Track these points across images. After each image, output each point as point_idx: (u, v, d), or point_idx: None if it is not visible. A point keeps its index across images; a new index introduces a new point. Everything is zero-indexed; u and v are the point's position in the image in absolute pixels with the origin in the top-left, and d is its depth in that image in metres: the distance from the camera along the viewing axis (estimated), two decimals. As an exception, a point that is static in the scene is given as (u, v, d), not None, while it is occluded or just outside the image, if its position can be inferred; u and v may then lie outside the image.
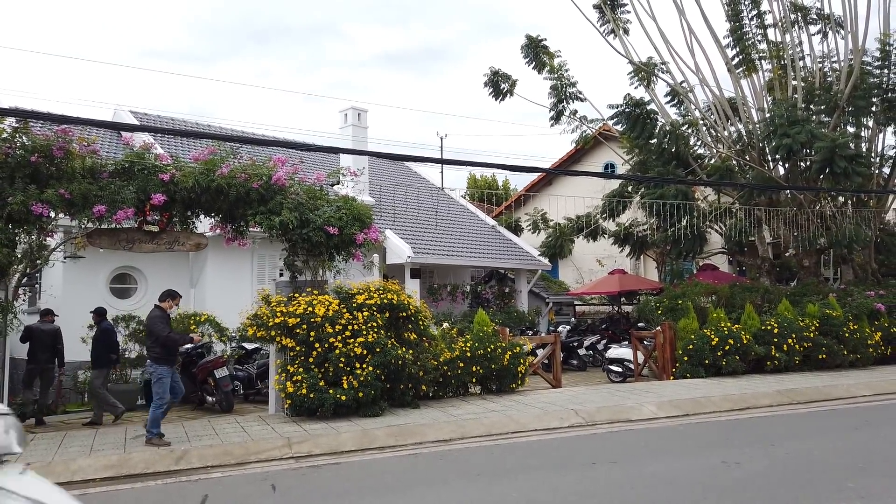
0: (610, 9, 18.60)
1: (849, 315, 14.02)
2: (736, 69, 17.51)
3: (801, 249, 16.80)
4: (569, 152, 25.64)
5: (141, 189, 8.74)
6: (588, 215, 20.20)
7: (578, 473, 6.31)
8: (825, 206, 16.99)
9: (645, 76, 18.06)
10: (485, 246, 19.66)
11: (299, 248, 9.71)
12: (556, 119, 18.94)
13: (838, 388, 11.45)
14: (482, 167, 19.74)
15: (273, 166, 9.53)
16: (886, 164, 17.89)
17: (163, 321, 8.02)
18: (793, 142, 14.68)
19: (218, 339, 12.49)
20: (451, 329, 11.29)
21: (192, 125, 18.66)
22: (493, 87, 19.41)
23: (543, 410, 9.34)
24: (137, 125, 14.64)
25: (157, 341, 7.86)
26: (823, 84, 17.08)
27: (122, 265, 13.46)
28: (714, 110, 18.26)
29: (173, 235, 9.60)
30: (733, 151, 17.80)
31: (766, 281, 17.25)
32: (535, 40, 19.13)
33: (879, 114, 16.98)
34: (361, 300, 9.37)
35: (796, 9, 17.08)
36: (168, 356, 8.01)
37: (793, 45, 17.18)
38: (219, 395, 10.84)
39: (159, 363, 7.91)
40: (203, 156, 9.33)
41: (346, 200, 9.94)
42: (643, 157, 18.51)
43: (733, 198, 17.92)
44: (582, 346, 17.25)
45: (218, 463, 7.07)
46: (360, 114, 18.59)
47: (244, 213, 9.43)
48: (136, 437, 8.04)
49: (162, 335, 7.83)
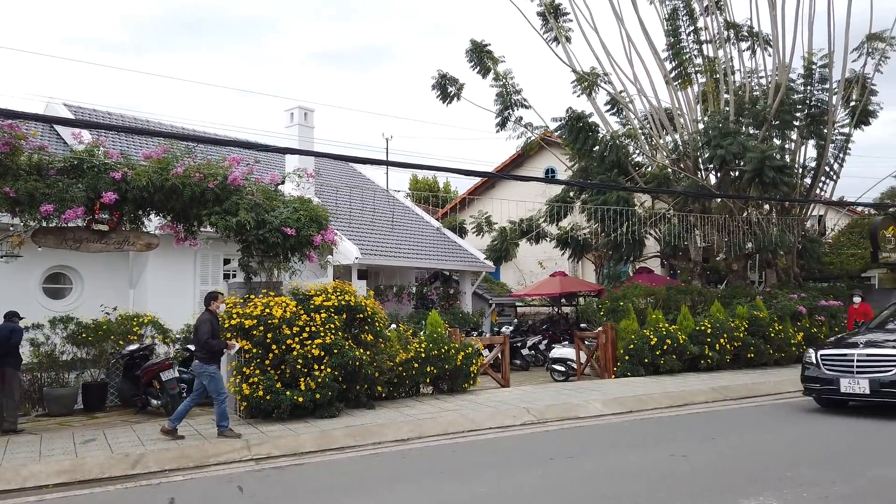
0: (553, 17, 19.13)
1: (774, 316, 14.96)
2: (674, 81, 18.34)
3: (731, 254, 17.76)
4: (512, 156, 26.17)
5: (91, 187, 8.48)
6: (531, 219, 20.69)
7: (540, 469, 6.57)
8: (752, 214, 18.01)
9: (587, 86, 18.67)
10: (430, 248, 19.85)
11: (254, 248, 9.63)
12: (501, 125, 19.34)
13: (766, 384, 12.23)
14: (430, 170, 19.87)
15: (228, 166, 9.41)
16: (808, 175, 19.11)
17: (208, 324, 8.23)
18: (726, 152, 15.53)
19: (162, 340, 12.19)
20: (407, 330, 11.42)
21: (131, 121, 18.06)
22: (441, 90, 19.61)
23: (496, 409, 9.60)
24: (80, 120, 14.10)
25: (200, 344, 8.19)
26: (752, 98, 18.11)
27: (56, 264, 12.91)
28: (651, 120, 19.07)
29: (123, 235, 9.35)
30: (669, 160, 18.63)
31: (697, 283, 18.14)
32: (480, 45, 19.45)
33: (803, 128, 18.15)
34: (319, 302, 9.38)
35: (729, 26, 18.04)
36: (213, 357, 8.25)
37: (726, 61, 18.14)
38: (165, 399, 10.59)
39: (208, 363, 8.18)
40: (156, 154, 9.12)
41: (303, 202, 9.92)
42: (585, 164, 19.14)
43: (669, 204, 18.76)
44: (525, 346, 17.69)
45: (176, 466, 6.98)
46: (306, 113, 18.45)
47: (199, 213, 9.27)
48: (86, 442, 7.82)
49: (202, 339, 8.14)
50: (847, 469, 6.20)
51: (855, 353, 9.25)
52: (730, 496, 5.40)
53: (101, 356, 11.49)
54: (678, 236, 17.32)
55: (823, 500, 5.24)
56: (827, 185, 19.29)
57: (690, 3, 18.12)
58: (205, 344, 8.12)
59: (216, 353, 8.29)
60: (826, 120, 17.87)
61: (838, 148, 18.67)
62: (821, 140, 18.24)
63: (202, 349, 8.17)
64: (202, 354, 8.19)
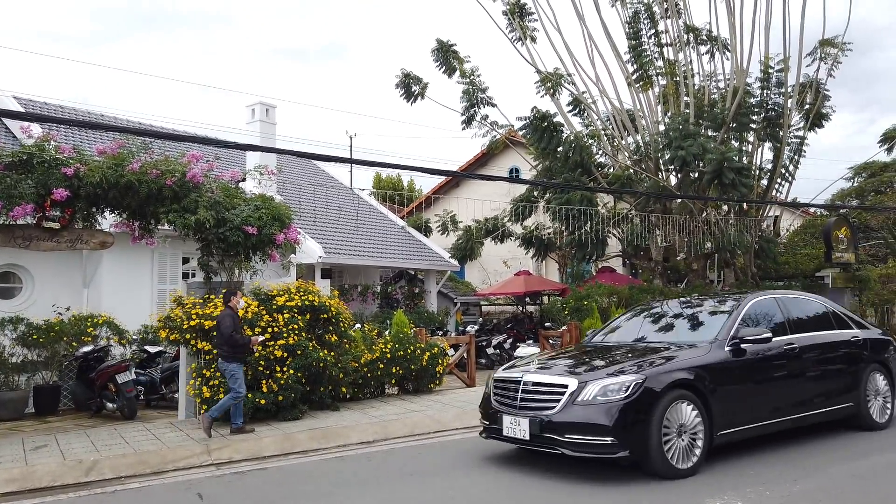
0: (518, 17, 19.20)
1: (733, 315, 15.25)
2: (635, 83, 18.57)
3: (691, 254, 18.08)
4: (476, 155, 26.18)
5: (41, 183, 8.14)
6: (496, 218, 20.74)
7: (506, 468, 6.53)
8: (711, 214, 18.37)
9: (551, 86, 18.78)
10: (395, 246, 19.72)
11: (214, 247, 9.38)
12: (467, 123, 19.33)
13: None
14: (395, 168, 19.73)
15: (187, 163, 9.15)
16: (764, 177, 19.57)
17: (230, 319, 8.12)
18: (686, 154, 15.79)
19: (117, 342, 11.81)
20: (372, 330, 11.29)
21: (84, 115, 17.46)
22: (405, 89, 19.51)
23: (462, 409, 9.55)
24: (29, 113, 13.54)
25: (223, 339, 8.07)
26: (711, 101, 18.47)
27: (4, 263, 12.39)
28: (614, 121, 19.29)
29: (76, 233, 9.00)
30: (631, 161, 18.87)
31: (659, 282, 18.43)
32: (446, 45, 19.41)
33: (760, 130, 18.59)
34: (282, 302, 9.20)
35: (689, 30, 18.36)
36: (236, 354, 8.13)
37: (686, 64, 18.45)
38: (121, 402, 10.26)
39: (229, 361, 8.08)
40: (111, 149, 8.81)
41: (265, 199, 9.71)
42: (549, 164, 19.25)
43: (630, 205, 19.00)
44: (490, 345, 17.69)
45: (133, 473, 6.74)
46: (268, 109, 18.12)
47: (156, 211, 8.99)
48: (37, 449, 7.50)
49: (226, 333, 8.04)
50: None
51: (522, 378, 6.49)
52: (695, 497, 5.44)
53: (54, 358, 11.09)
54: (640, 236, 17.56)
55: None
56: (783, 186, 19.81)
57: (651, 7, 18.37)
58: (229, 338, 8.02)
59: (240, 347, 8.15)
60: (782, 123, 18.35)
61: (793, 150, 19.19)
62: (777, 142, 18.72)
63: (226, 344, 8.08)
64: (225, 351, 8.10)
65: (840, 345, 7.74)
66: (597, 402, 5.87)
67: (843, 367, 7.65)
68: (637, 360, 6.41)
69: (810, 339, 7.42)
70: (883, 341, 8.35)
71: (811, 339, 7.43)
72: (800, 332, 7.39)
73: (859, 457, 6.72)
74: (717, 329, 6.91)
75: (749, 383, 6.66)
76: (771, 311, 7.46)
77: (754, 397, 6.68)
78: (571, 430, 5.88)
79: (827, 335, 7.70)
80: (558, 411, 5.99)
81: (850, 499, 5.37)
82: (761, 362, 6.80)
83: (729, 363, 6.55)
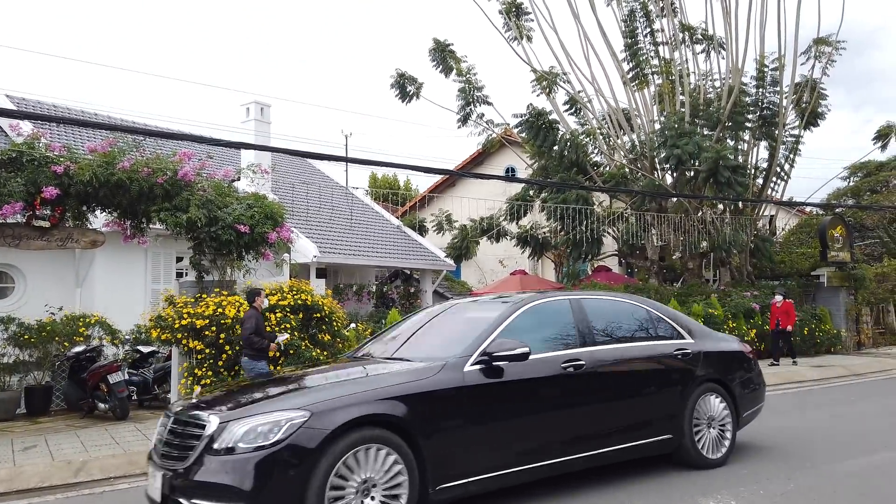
0: (514, 16, 19.18)
1: (728, 314, 15.27)
2: (631, 82, 18.55)
3: (687, 253, 18.07)
4: (472, 155, 26.16)
5: (31, 181, 8.10)
6: (492, 217, 20.71)
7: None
8: (707, 213, 18.36)
9: (547, 85, 18.75)
10: (390, 246, 19.67)
11: (206, 246, 9.33)
12: (463, 121, 19.29)
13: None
14: (390, 167, 19.73)
15: (179, 161, 9.10)
16: (760, 176, 19.58)
17: (253, 320, 8.20)
18: (682, 152, 15.78)
19: (110, 342, 11.75)
20: (366, 329, 11.24)
21: (77, 113, 17.39)
22: (400, 89, 19.48)
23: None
24: (19, 111, 13.49)
25: (243, 340, 8.25)
26: (706, 100, 18.46)
27: (-5, 262, 12.34)
28: (609, 120, 19.27)
29: (66, 231, 8.95)
30: (627, 160, 18.85)
31: (654, 282, 18.42)
32: (443, 45, 19.38)
33: (755, 129, 18.60)
34: (274, 301, 9.15)
35: (684, 28, 18.34)
36: (259, 353, 8.23)
37: (681, 63, 18.43)
38: (113, 402, 10.20)
39: (255, 360, 8.18)
40: (102, 147, 8.75)
41: (258, 198, 9.67)
42: (545, 163, 19.23)
43: (626, 204, 18.99)
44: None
45: (123, 474, 6.69)
46: (262, 108, 18.05)
47: (147, 210, 8.95)
48: (26, 449, 7.44)
49: (245, 335, 8.16)
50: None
51: (174, 411, 4.77)
52: (687, 494, 5.41)
53: (46, 358, 11.04)
54: (635, 235, 17.55)
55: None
56: (778, 185, 19.82)
57: (647, 5, 18.36)
58: (247, 340, 8.16)
59: (259, 350, 8.20)
60: (777, 122, 18.35)
61: (789, 149, 19.21)
62: (772, 141, 18.72)
63: (246, 345, 8.23)
64: (249, 351, 8.21)
65: (656, 360, 6.06)
66: (237, 452, 4.10)
67: (659, 388, 5.97)
68: (319, 384, 4.83)
69: (609, 353, 5.76)
70: (728, 355, 6.70)
71: (610, 353, 5.78)
72: (597, 345, 5.72)
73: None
74: (468, 341, 5.18)
75: (498, 415, 4.96)
76: (557, 318, 5.77)
77: (506, 434, 4.98)
78: (200, 494, 4.11)
79: (637, 348, 6.02)
80: (191, 464, 4.21)
81: (843, 497, 5.33)
82: (523, 387, 5.13)
83: (465, 389, 4.83)
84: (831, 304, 17.99)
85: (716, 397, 6.28)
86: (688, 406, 6.03)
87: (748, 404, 6.64)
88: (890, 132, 21.19)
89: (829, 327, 17.16)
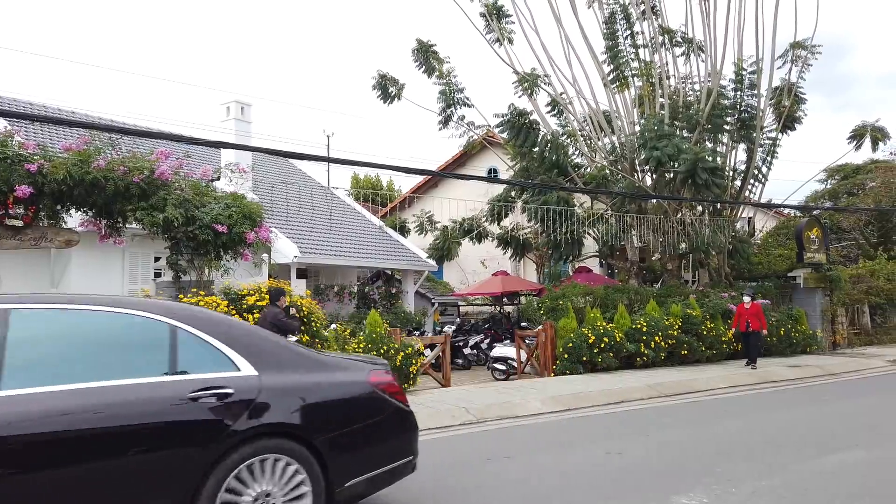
0: (496, 18, 19.23)
1: (706, 314, 15.43)
2: (611, 84, 18.68)
3: (666, 254, 18.22)
4: (455, 155, 26.17)
5: (3, 180, 8.00)
6: (473, 218, 20.75)
7: (475, 470, 6.50)
8: (686, 215, 18.54)
9: (528, 86, 18.82)
10: (372, 246, 19.63)
11: (184, 246, 9.25)
12: (444, 123, 19.31)
13: (699, 381, 12.56)
14: (372, 167, 19.70)
15: (156, 160, 9.03)
16: (738, 178, 19.81)
17: (267, 322, 8.35)
18: (661, 154, 15.92)
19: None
20: (344, 330, 11.21)
21: (54, 111, 17.16)
22: (382, 90, 19.44)
23: (436, 409, 9.50)
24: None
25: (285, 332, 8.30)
26: (686, 102, 18.64)
27: (-33, 262, 12.13)
28: (590, 122, 19.38)
29: (40, 231, 8.83)
30: (607, 162, 18.98)
31: (634, 282, 18.55)
32: (426, 45, 19.38)
33: (733, 132, 18.82)
34: (252, 301, 9.09)
35: (664, 31, 18.51)
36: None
37: (661, 65, 18.60)
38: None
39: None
40: (77, 146, 8.65)
41: (236, 197, 9.61)
42: (526, 164, 19.30)
43: (606, 205, 19.11)
44: (467, 345, 17.69)
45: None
46: (243, 108, 17.95)
47: (123, 209, 8.87)
48: None
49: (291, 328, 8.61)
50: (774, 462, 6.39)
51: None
52: (661, 493, 5.45)
53: (18, 360, 10.83)
54: (615, 236, 17.67)
55: (752, 495, 5.35)
56: (756, 187, 20.06)
57: (627, 8, 18.50)
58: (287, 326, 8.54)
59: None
60: (755, 125, 18.58)
61: (766, 152, 19.45)
62: (750, 144, 18.95)
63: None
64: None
65: (145, 408, 3.73)
66: None
67: (146, 459, 3.71)
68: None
69: (31, 405, 3.47)
70: (323, 393, 4.42)
71: (35, 405, 3.47)
72: (41, 385, 3.54)
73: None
74: None
75: None
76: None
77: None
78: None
79: (101, 392, 3.65)
80: None
81: (813, 495, 5.41)
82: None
83: None
84: (807, 304, 18.23)
85: (284, 462, 4.09)
86: (209, 483, 3.80)
87: (358, 467, 4.47)
88: (864, 132, 21.53)
89: (805, 328, 17.39)
